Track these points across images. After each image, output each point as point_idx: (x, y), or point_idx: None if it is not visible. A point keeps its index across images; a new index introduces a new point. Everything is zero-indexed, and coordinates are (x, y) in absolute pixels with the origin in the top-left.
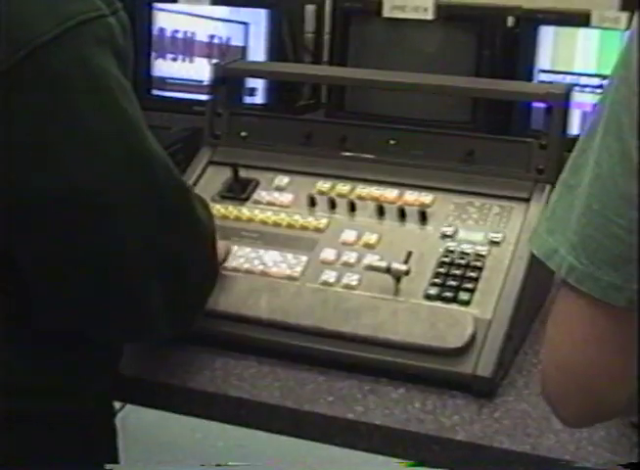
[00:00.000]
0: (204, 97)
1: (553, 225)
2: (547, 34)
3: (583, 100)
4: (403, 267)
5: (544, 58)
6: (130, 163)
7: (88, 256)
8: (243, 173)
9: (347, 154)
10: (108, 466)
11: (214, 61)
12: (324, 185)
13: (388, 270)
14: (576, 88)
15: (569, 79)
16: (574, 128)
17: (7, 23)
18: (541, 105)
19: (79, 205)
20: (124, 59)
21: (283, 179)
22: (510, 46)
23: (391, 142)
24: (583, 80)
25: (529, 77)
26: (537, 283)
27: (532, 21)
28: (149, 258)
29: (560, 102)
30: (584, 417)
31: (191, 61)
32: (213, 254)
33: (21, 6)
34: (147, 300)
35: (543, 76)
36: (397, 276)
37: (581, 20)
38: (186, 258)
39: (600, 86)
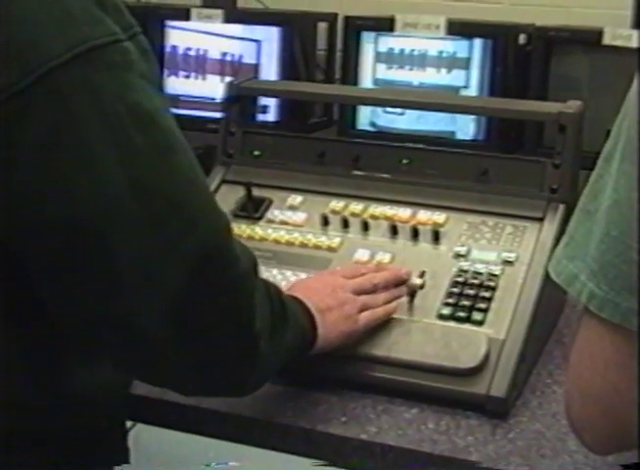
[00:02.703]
0: (216, 114)
1: (572, 251)
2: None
3: None
4: (418, 281)
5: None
6: (132, 193)
7: (89, 286)
8: (256, 192)
9: (360, 173)
10: None
11: (227, 78)
12: (337, 204)
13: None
14: None
15: None
16: None
17: (19, 45)
18: None
19: (80, 233)
20: (150, 79)
21: (296, 198)
22: (522, 63)
23: (405, 161)
24: None
25: (542, 94)
26: (551, 303)
27: (545, 38)
28: (149, 291)
29: (572, 121)
30: (609, 443)
31: (203, 78)
32: (248, 309)
33: (33, 27)
34: (148, 336)
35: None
36: (412, 291)
37: (594, 37)
38: (201, 297)
39: None
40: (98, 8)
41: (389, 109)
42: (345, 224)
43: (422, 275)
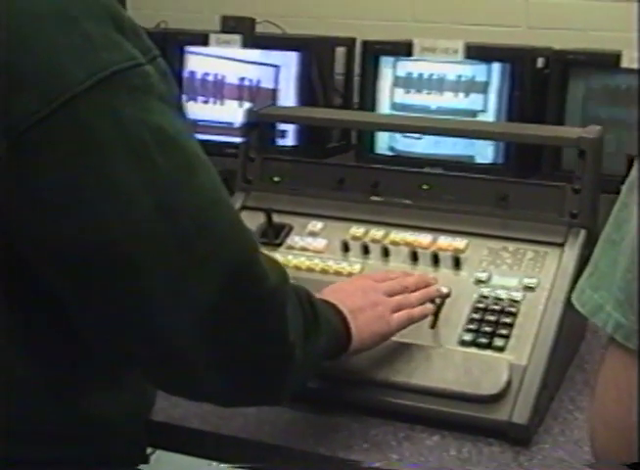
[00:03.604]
0: (234, 139)
1: (597, 281)
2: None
3: None
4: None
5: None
6: (159, 214)
7: (120, 307)
8: (276, 218)
9: (380, 199)
10: None
11: (245, 103)
12: (357, 230)
13: None
14: None
15: None
16: None
17: (40, 73)
18: None
19: (109, 256)
20: (171, 102)
21: (316, 224)
22: (540, 86)
23: (424, 187)
24: None
25: (560, 117)
26: (572, 328)
27: (563, 62)
28: (181, 310)
29: (592, 146)
30: None
31: (222, 103)
32: (281, 323)
33: (53, 55)
34: (182, 353)
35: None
36: (440, 296)
37: (612, 61)
38: (232, 315)
39: None
40: (117, 32)
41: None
42: (366, 250)
43: (441, 304)
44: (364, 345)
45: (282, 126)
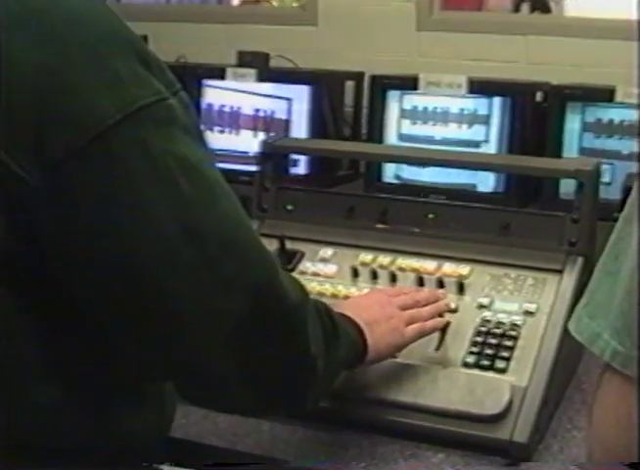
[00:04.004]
0: (249, 167)
1: (594, 310)
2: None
3: None
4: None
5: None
6: (186, 238)
7: (150, 327)
8: (289, 245)
9: (388, 227)
10: None
11: (259, 133)
12: (366, 257)
13: None
14: None
15: None
16: None
17: (74, 109)
18: None
19: (140, 279)
20: (193, 132)
21: (327, 251)
22: (539, 119)
23: (430, 216)
24: None
25: (558, 148)
26: (570, 351)
27: (560, 96)
28: (210, 328)
29: (589, 178)
30: None
31: (237, 133)
32: (303, 337)
33: (86, 92)
34: (210, 368)
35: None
36: (445, 327)
37: (606, 95)
38: (258, 331)
39: None
40: (143, 68)
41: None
42: (374, 276)
43: (445, 329)
44: (380, 355)
45: (294, 156)
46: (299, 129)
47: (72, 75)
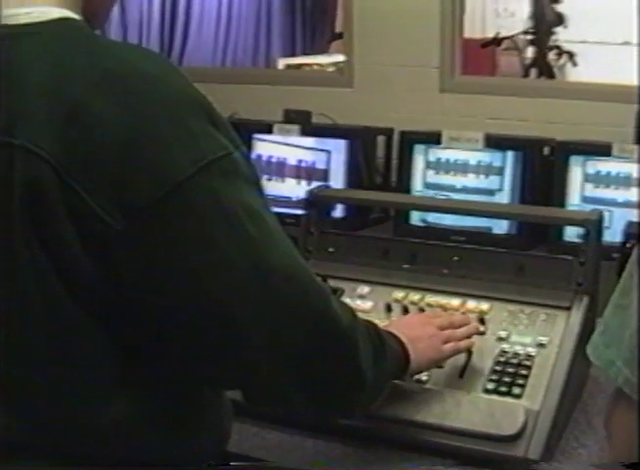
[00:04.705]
0: (293, 211)
1: (608, 340)
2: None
3: None
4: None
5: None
6: (254, 274)
7: (220, 353)
8: (331, 283)
9: (418, 267)
10: None
11: (302, 181)
12: (398, 294)
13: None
14: None
15: None
16: None
17: (154, 164)
18: None
19: (212, 313)
20: (252, 182)
21: (364, 289)
22: (547, 170)
23: (455, 258)
24: None
25: (563, 196)
26: (577, 378)
27: (565, 150)
28: (275, 352)
29: (594, 226)
30: None
31: (282, 181)
32: (355, 354)
33: (164, 149)
34: (275, 384)
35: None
36: (468, 358)
37: (604, 150)
38: (317, 351)
39: None
40: (212, 126)
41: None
42: (406, 311)
43: (468, 359)
44: (420, 368)
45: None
46: (337, 178)
47: (152, 132)
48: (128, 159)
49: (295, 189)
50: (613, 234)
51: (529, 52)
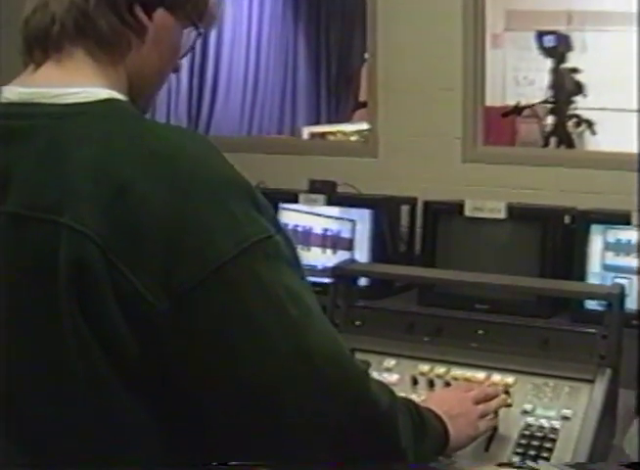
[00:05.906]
0: (319, 279)
1: None
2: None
3: None
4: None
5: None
6: (297, 356)
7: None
8: (358, 356)
9: (443, 340)
10: None
11: (327, 250)
12: (424, 367)
13: None
14: None
15: None
16: None
17: (200, 246)
18: None
19: (255, 392)
20: (295, 265)
21: (390, 362)
22: (568, 239)
23: (480, 332)
24: None
25: (583, 264)
26: (601, 451)
27: (585, 219)
28: (314, 431)
29: (617, 300)
30: None
31: (308, 249)
32: (395, 434)
33: (208, 233)
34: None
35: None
36: (493, 432)
37: (624, 219)
38: (356, 432)
39: None
40: (254, 209)
41: None
42: (431, 384)
43: (493, 435)
44: (459, 445)
45: None
46: (362, 246)
47: (197, 215)
48: (173, 241)
49: (320, 258)
50: (632, 301)
51: (549, 120)
